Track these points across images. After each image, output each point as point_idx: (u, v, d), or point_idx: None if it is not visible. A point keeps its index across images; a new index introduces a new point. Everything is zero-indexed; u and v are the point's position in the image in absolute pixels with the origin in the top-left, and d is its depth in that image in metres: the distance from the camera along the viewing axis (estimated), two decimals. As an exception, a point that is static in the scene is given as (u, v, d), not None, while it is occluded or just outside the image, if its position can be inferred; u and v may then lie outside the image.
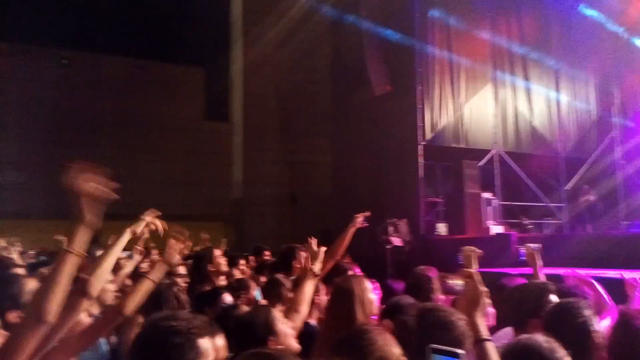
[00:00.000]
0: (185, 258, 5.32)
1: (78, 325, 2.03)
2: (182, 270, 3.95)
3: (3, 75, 15.28)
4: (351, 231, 4.13)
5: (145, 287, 2.14)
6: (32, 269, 3.85)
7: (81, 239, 1.64)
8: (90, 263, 1.97)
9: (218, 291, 3.32)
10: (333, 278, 3.37)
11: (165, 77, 17.60)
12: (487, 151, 13.72)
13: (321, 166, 17.34)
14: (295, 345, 2.23)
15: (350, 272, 3.92)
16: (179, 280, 3.75)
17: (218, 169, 17.62)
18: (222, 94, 18.44)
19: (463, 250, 2.58)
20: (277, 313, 2.24)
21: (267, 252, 5.85)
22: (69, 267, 1.60)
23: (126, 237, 2.25)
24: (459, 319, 1.88)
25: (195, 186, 16.69)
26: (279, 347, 2.04)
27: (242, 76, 17.48)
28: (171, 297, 2.67)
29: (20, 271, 3.36)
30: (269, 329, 2.17)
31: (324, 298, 3.11)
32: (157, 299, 2.60)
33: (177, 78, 17.86)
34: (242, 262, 4.90)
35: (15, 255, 5.20)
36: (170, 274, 3.78)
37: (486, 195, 12.49)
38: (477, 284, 1.89)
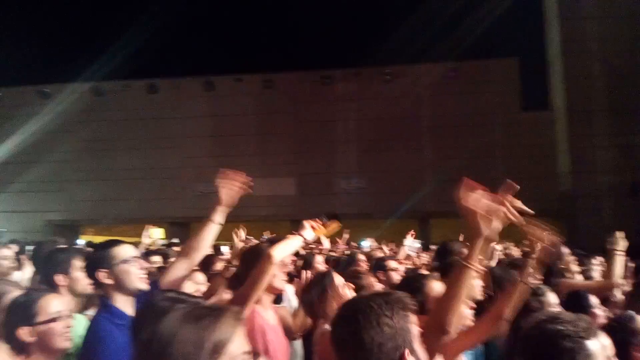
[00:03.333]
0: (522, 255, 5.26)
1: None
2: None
3: (342, 96, 18.20)
4: None
5: (521, 291, 2.23)
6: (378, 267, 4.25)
7: (478, 253, 1.70)
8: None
9: (582, 294, 3.19)
10: None
11: (478, 74, 17.75)
12: None
13: (672, 147, 14.48)
14: None
15: None
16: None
17: (541, 160, 16.69)
18: (540, 80, 17.41)
19: None
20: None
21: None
22: (467, 281, 1.70)
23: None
24: None
25: (518, 181, 16.22)
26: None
27: (561, 58, 16.12)
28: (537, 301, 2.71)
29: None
30: None
31: None
32: (525, 303, 2.66)
33: (490, 72, 17.77)
34: (596, 261, 4.55)
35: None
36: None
37: None
38: None
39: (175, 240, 9.36)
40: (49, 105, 18.30)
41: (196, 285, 3.45)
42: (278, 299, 3.46)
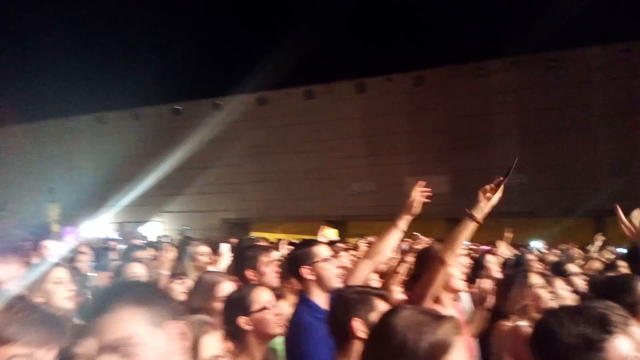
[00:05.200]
0: None
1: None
2: None
3: (499, 88, 17.25)
4: None
5: None
6: (558, 272, 3.91)
7: None
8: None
9: None
10: None
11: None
12: None
13: None
14: None
15: None
16: None
17: None
18: None
19: None
20: None
21: None
22: None
23: None
24: None
25: None
26: None
27: None
28: None
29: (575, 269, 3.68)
30: None
31: None
32: None
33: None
34: None
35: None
36: None
37: None
38: None
39: (336, 238, 9.76)
40: (221, 115, 20.39)
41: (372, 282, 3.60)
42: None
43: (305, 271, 2.37)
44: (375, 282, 3.68)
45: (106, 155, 22.33)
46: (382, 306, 1.79)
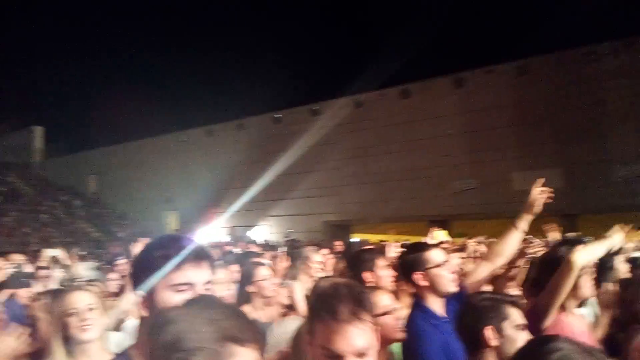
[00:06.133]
0: None
1: None
2: None
3: (612, 72, 15.84)
4: None
5: None
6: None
7: None
8: None
9: None
10: None
11: None
12: None
13: None
14: None
15: None
16: None
17: None
18: None
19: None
20: None
21: None
22: None
23: None
24: None
25: None
26: None
27: None
28: None
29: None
30: None
31: None
32: None
33: None
34: None
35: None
36: None
37: None
38: None
39: (447, 239, 9.56)
40: (319, 121, 20.88)
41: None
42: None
43: (418, 277, 2.32)
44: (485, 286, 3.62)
45: (216, 165, 23.76)
46: (514, 314, 1.77)
